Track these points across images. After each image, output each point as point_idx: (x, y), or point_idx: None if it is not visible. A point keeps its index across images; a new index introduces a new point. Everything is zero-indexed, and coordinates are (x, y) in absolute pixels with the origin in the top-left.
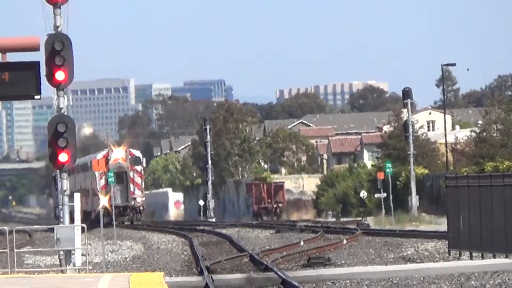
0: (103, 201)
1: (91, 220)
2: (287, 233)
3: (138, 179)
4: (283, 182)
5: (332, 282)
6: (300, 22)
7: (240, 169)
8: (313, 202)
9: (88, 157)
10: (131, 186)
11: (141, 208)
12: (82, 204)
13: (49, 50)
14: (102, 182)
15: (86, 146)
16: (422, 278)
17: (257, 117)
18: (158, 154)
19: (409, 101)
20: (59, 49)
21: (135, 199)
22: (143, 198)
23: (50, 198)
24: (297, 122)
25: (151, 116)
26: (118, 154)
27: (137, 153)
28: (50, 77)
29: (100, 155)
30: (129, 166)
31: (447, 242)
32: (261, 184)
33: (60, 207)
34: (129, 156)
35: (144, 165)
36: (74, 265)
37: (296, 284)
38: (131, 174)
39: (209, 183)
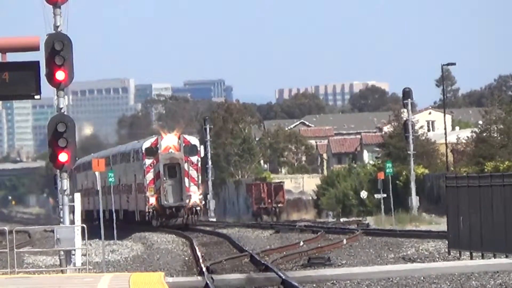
0: (152, 199)
1: (135, 222)
2: (287, 233)
3: (194, 173)
4: (283, 182)
5: (332, 282)
6: (300, 22)
7: (240, 169)
8: (313, 202)
9: (131, 145)
10: (186, 181)
11: (198, 207)
12: (123, 203)
13: (49, 50)
14: (151, 176)
15: (86, 146)
16: (422, 278)
17: (256, 117)
18: None
19: (409, 101)
20: (59, 49)
21: (190, 196)
22: (201, 196)
23: (51, 197)
24: (297, 122)
25: (151, 116)
26: (170, 142)
27: (193, 140)
28: (50, 77)
29: (147, 143)
30: (183, 156)
31: (447, 242)
32: (260, 184)
33: (60, 207)
34: (183, 144)
35: (202, 154)
36: (74, 265)
37: (296, 284)
38: (185, 166)
39: (209, 183)
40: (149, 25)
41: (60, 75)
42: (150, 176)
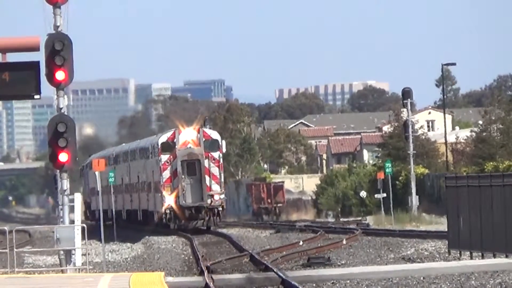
0: (169, 200)
1: (154, 224)
2: (287, 233)
3: (215, 170)
4: (283, 182)
5: (332, 282)
6: (300, 22)
7: (240, 169)
8: (313, 202)
9: (149, 140)
10: (207, 179)
11: (221, 208)
12: (142, 202)
13: (49, 50)
14: (167, 174)
15: (87, 146)
16: (422, 278)
17: (254, 117)
18: None
19: (409, 101)
20: (59, 49)
21: (212, 196)
22: (223, 195)
23: (50, 197)
24: (297, 122)
25: (151, 116)
26: (188, 136)
27: (214, 134)
28: (50, 77)
29: (163, 137)
30: (203, 152)
31: (447, 242)
32: (260, 184)
33: (60, 206)
34: (203, 139)
35: (224, 150)
36: (74, 265)
37: (296, 284)
38: (206, 163)
39: None
40: (149, 25)
41: (60, 75)
42: (166, 173)
